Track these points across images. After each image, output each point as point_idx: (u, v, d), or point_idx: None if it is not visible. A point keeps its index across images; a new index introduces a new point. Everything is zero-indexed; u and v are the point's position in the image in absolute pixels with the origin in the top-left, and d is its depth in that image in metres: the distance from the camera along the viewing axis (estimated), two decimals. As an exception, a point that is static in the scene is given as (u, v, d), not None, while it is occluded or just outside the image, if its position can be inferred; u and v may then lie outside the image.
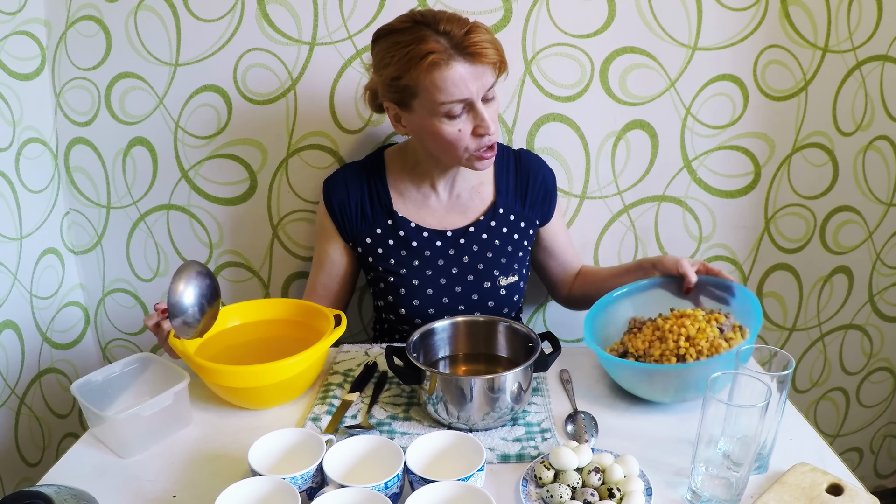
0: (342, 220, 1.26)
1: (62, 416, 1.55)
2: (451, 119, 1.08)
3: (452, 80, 1.04)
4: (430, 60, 1.02)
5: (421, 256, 1.23)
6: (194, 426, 1.01)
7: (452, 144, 1.10)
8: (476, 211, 1.26)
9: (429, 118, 1.09)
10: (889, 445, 1.77)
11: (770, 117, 1.43)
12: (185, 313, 0.98)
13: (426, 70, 1.03)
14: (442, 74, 1.03)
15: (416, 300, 1.23)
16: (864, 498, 0.81)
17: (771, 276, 1.56)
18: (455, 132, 1.08)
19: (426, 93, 1.06)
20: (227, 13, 1.36)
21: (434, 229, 1.24)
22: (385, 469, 0.80)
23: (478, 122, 1.08)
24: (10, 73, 1.33)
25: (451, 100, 1.05)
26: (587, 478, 0.83)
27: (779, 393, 0.82)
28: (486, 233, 1.25)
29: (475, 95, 1.06)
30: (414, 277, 1.23)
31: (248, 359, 1.04)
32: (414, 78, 1.05)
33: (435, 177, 1.24)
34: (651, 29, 1.36)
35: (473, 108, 1.08)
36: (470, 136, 1.09)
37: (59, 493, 0.74)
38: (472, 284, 1.23)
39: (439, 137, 1.10)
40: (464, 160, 1.13)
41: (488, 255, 1.24)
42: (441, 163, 1.20)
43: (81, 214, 1.52)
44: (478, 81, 1.06)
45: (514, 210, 1.27)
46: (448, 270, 1.23)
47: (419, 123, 1.11)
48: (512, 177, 1.29)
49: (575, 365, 1.15)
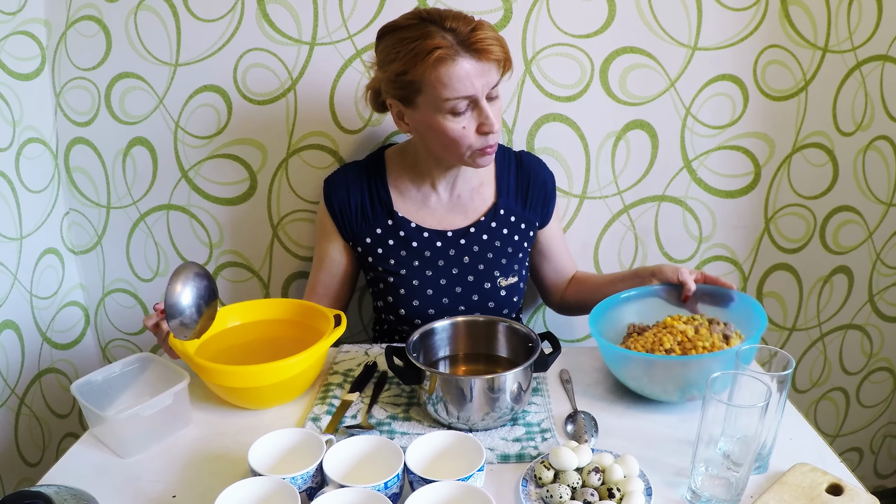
0: (342, 219, 1.26)
1: (62, 416, 1.55)
2: (455, 116, 1.08)
3: (458, 77, 1.04)
4: (436, 56, 1.03)
5: (421, 257, 1.23)
6: (194, 426, 1.01)
7: (456, 142, 1.10)
8: (477, 212, 1.26)
9: (433, 115, 1.09)
10: (889, 445, 1.77)
11: (770, 117, 1.43)
12: (183, 314, 0.98)
13: (432, 65, 1.03)
14: (448, 70, 1.03)
15: (415, 300, 1.23)
16: (864, 498, 0.81)
17: (771, 276, 1.56)
18: (459, 129, 1.08)
19: (431, 88, 1.06)
20: (227, 13, 1.36)
21: (434, 230, 1.24)
22: (385, 469, 0.80)
23: (482, 120, 1.08)
24: (10, 73, 1.33)
25: (457, 96, 1.05)
26: (587, 478, 0.83)
27: (779, 393, 0.82)
28: (486, 233, 1.25)
29: (480, 92, 1.06)
30: (414, 278, 1.23)
31: (248, 359, 1.04)
32: (420, 73, 1.05)
33: (435, 176, 1.24)
34: (651, 29, 1.36)
35: (478, 106, 1.08)
36: (474, 133, 1.10)
37: (59, 493, 0.74)
38: (473, 285, 1.23)
39: (443, 135, 1.10)
40: (466, 158, 1.13)
41: (489, 256, 1.24)
42: (442, 162, 1.20)
43: (81, 214, 1.52)
44: (483, 78, 1.06)
45: (515, 211, 1.27)
46: (448, 271, 1.23)
47: (423, 120, 1.11)
48: (513, 178, 1.29)
49: (575, 365, 1.15)
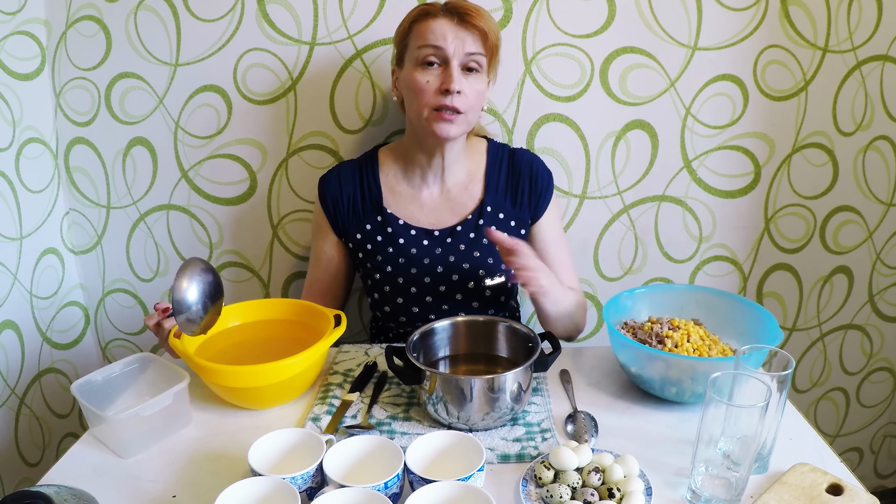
0: (335, 214, 1.27)
1: (62, 416, 1.55)
2: (424, 70, 1.12)
3: (432, 29, 1.11)
4: (420, 10, 1.14)
5: (407, 254, 1.23)
6: (194, 426, 1.01)
7: (417, 95, 1.13)
8: (465, 209, 1.26)
9: (410, 69, 1.14)
10: (889, 445, 1.77)
11: (770, 117, 1.43)
12: (189, 310, 0.98)
13: (415, 18, 1.14)
14: (427, 23, 1.12)
15: (399, 298, 1.23)
16: (864, 498, 0.81)
17: (771, 276, 1.56)
18: (423, 82, 1.12)
19: (412, 40, 1.14)
20: (227, 13, 1.36)
21: (422, 227, 1.24)
22: (385, 469, 0.80)
23: (444, 78, 1.11)
24: (10, 73, 1.33)
25: (427, 43, 1.11)
26: (587, 478, 0.83)
27: (779, 393, 0.82)
28: (473, 232, 1.24)
29: (451, 52, 1.11)
30: (399, 275, 1.23)
31: (248, 359, 1.04)
32: (406, 24, 1.15)
33: (423, 165, 1.24)
34: (651, 29, 1.36)
35: (448, 67, 1.11)
36: (435, 90, 1.12)
37: (59, 493, 0.74)
38: (456, 284, 1.23)
39: (411, 86, 1.14)
40: (424, 117, 1.14)
41: (475, 255, 1.23)
42: (425, 144, 1.21)
43: (81, 214, 1.52)
44: (458, 40, 1.11)
45: (504, 208, 1.26)
46: (433, 269, 1.23)
47: (404, 79, 1.16)
48: (504, 174, 1.27)
49: (575, 365, 1.15)
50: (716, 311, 1.13)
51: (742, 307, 1.10)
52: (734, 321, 1.10)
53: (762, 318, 1.05)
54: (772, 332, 1.00)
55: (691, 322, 1.08)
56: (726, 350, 1.04)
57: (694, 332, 1.04)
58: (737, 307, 1.11)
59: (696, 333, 1.04)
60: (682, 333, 1.03)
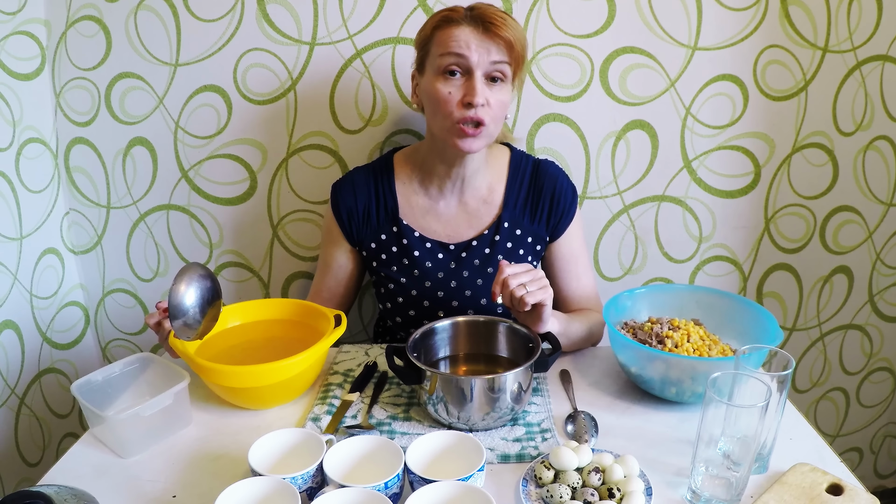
0: (349, 224, 1.25)
1: (62, 416, 1.55)
2: (447, 79, 1.08)
3: (455, 37, 1.07)
4: (443, 16, 1.10)
5: (422, 267, 1.21)
6: (194, 426, 1.01)
7: (440, 106, 1.09)
8: (482, 223, 1.23)
9: (431, 77, 1.10)
10: (889, 445, 1.77)
11: (770, 117, 1.43)
12: (186, 315, 0.98)
13: (438, 24, 1.10)
14: (450, 30, 1.08)
15: (412, 311, 1.22)
16: (864, 498, 0.81)
17: (771, 276, 1.56)
18: (445, 93, 1.08)
19: (434, 47, 1.10)
20: (227, 13, 1.36)
21: (437, 241, 1.22)
22: (385, 469, 0.80)
23: (468, 91, 1.07)
24: (10, 73, 1.33)
25: (449, 51, 1.07)
26: (587, 478, 0.83)
27: (779, 393, 0.82)
28: (489, 247, 1.22)
29: (475, 62, 1.06)
30: (413, 288, 1.22)
31: (248, 359, 1.04)
32: (428, 30, 1.11)
33: (442, 175, 1.20)
34: (651, 29, 1.36)
35: (471, 77, 1.07)
36: (458, 102, 1.08)
37: (59, 493, 0.74)
38: (469, 300, 1.21)
39: (433, 97, 1.10)
40: (447, 129, 1.10)
41: (489, 271, 1.21)
42: (445, 155, 1.17)
43: (81, 214, 1.52)
44: (482, 49, 1.06)
45: (521, 224, 1.23)
46: (447, 284, 1.21)
47: (425, 87, 1.12)
48: (525, 189, 1.23)
49: (575, 365, 1.15)
50: (716, 311, 1.12)
51: (742, 307, 1.10)
52: (734, 321, 1.10)
53: (762, 318, 1.05)
54: (772, 332, 1.00)
55: (691, 322, 1.08)
56: (726, 350, 1.04)
57: (694, 332, 1.04)
58: (737, 307, 1.11)
59: (696, 333, 1.04)
60: (682, 333, 1.03)
